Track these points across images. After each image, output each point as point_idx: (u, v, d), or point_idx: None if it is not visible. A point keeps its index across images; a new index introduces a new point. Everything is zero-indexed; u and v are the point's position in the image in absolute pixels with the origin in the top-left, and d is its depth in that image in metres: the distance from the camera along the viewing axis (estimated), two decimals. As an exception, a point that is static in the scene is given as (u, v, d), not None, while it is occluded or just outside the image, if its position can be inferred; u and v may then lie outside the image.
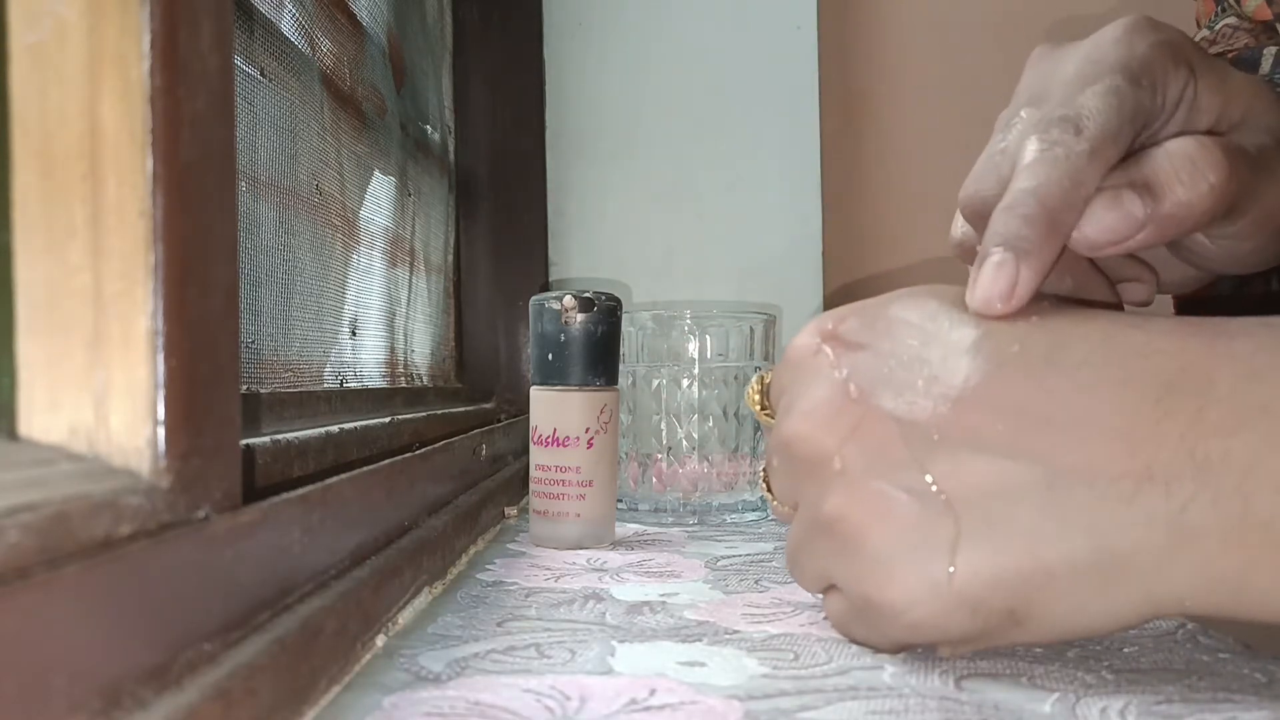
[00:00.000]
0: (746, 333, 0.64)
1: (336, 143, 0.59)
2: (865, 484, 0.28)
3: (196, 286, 0.23)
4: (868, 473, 0.28)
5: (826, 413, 0.29)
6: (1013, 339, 0.28)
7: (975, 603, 0.26)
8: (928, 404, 0.27)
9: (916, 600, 0.27)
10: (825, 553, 0.30)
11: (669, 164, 1.02)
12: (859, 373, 0.29)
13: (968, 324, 0.28)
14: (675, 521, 0.63)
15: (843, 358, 0.30)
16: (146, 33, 0.22)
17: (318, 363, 0.55)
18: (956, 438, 0.27)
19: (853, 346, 0.30)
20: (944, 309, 0.29)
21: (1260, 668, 0.31)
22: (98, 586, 0.19)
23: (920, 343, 0.29)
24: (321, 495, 0.31)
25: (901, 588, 0.27)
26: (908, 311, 0.30)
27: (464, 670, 0.30)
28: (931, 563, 0.27)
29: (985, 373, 0.27)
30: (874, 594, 0.28)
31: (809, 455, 0.30)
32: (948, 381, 0.27)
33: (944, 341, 0.28)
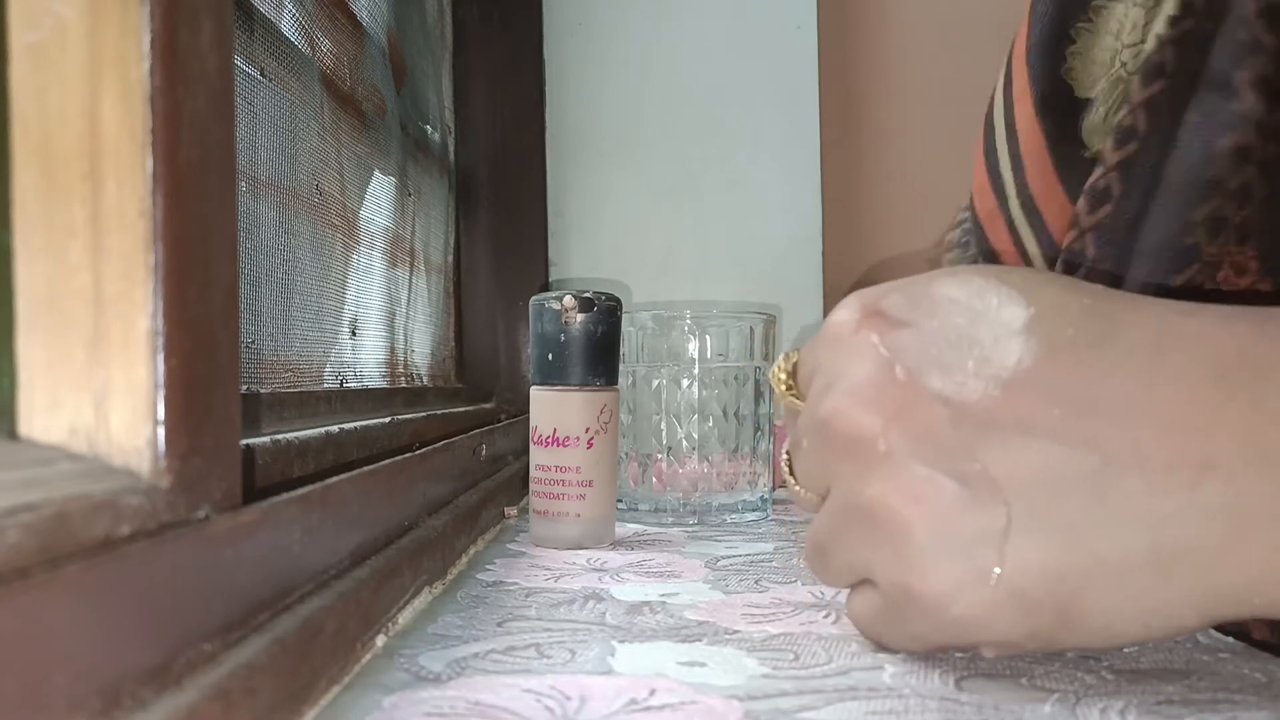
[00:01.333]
0: (746, 333, 0.64)
1: (336, 143, 0.59)
2: (910, 469, 0.27)
3: (196, 286, 0.23)
4: (913, 457, 0.27)
5: (871, 392, 0.28)
6: (1066, 322, 0.26)
7: (1023, 597, 0.25)
8: (978, 386, 0.26)
9: (962, 593, 0.26)
10: (860, 542, 0.28)
11: (669, 164, 1.02)
12: (905, 352, 0.28)
13: (1017, 303, 0.27)
14: (675, 521, 0.63)
15: (887, 336, 0.28)
16: (146, 33, 0.22)
17: (318, 363, 0.55)
18: (1008, 423, 0.26)
19: (897, 324, 0.28)
20: (991, 286, 0.27)
21: (1260, 668, 0.31)
22: (98, 586, 0.19)
23: (968, 321, 0.27)
24: (321, 495, 0.31)
25: (946, 579, 0.26)
26: (953, 289, 0.28)
27: (464, 670, 0.30)
28: (979, 554, 0.25)
29: (1038, 356, 0.26)
30: (915, 585, 0.26)
31: (850, 436, 0.28)
32: (999, 363, 0.26)
33: (993, 321, 0.27)
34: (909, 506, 0.26)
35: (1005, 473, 0.25)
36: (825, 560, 0.31)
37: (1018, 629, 0.26)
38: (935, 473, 0.26)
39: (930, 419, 0.27)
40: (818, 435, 0.30)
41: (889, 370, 0.28)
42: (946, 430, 0.26)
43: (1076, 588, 0.25)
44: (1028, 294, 0.27)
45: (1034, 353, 0.26)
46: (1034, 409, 0.25)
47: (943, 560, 0.26)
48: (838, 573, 0.30)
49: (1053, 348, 0.26)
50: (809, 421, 0.30)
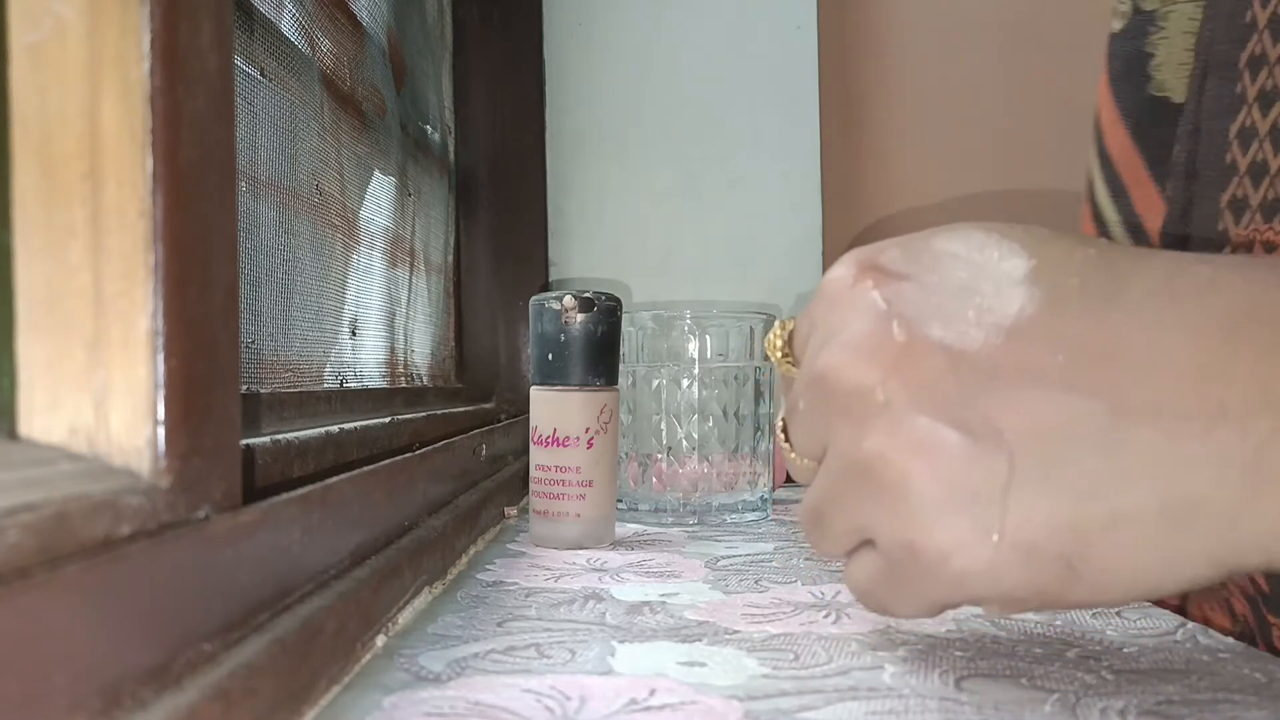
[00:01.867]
0: (746, 333, 0.64)
1: (336, 143, 0.59)
2: (911, 420, 0.25)
3: (196, 286, 0.23)
4: (913, 408, 0.25)
5: (869, 344, 0.27)
6: (1071, 272, 0.25)
7: (1029, 550, 0.24)
8: (979, 334, 0.25)
9: (964, 546, 0.25)
10: (859, 500, 0.27)
11: (669, 164, 1.02)
12: (904, 303, 0.27)
13: (1020, 255, 0.26)
14: (675, 521, 0.63)
15: (885, 288, 0.27)
16: (146, 33, 0.22)
17: (318, 363, 0.55)
18: (1011, 370, 0.25)
19: (896, 277, 0.27)
20: (992, 240, 0.27)
21: (1260, 668, 0.31)
22: (98, 586, 0.19)
23: (969, 274, 0.26)
24: (321, 495, 0.31)
25: (948, 532, 0.25)
26: (953, 244, 0.27)
27: (464, 670, 0.30)
28: (982, 505, 0.24)
29: (1042, 304, 0.25)
30: (916, 539, 0.25)
31: (848, 389, 0.27)
32: (1002, 312, 0.25)
33: (995, 273, 0.26)
34: (909, 458, 0.25)
35: (1009, 421, 0.24)
36: (822, 526, 0.29)
37: (1023, 584, 0.25)
38: (936, 423, 0.25)
39: (931, 369, 0.25)
40: (814, 392, 0.28)
41: (887, 322, 0.27)
42: (947, 379, 0.25)
43: (1085, 540, 0.24)
44: (1030, 247, 0.26)
45: (1037, 301, 0.25)
46: (1038, 356, 0.24)
47: (944, 513, 0.25)
48: (836, 538, 0.29)
49: (1057, 297, 0.25)
50: (805, 379, 0.29)
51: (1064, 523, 0.24)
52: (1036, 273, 0.25)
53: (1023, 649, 0.33)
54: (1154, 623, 0.36)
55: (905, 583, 0.27)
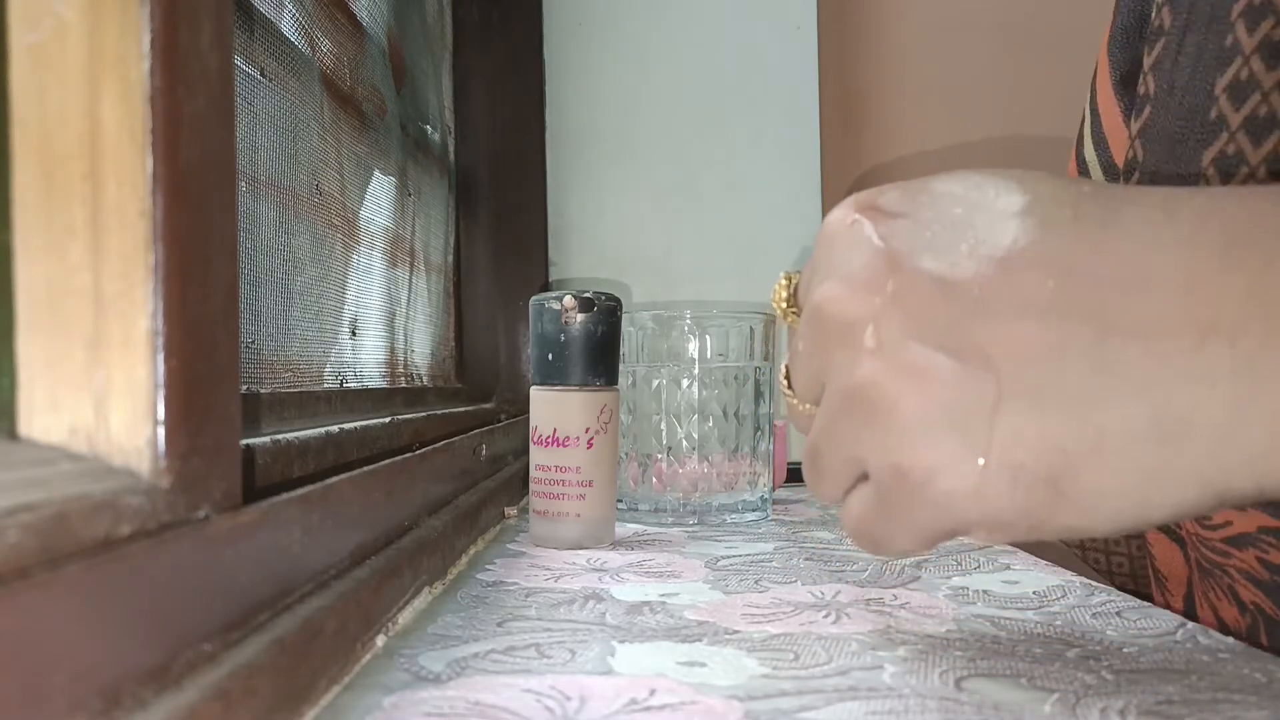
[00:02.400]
0: (746, 333, 0.64)
1: (336, 143, 0.59)
2: (902, 347, 0.26)
3: (196, 286, 0.23)
4: (905, 335, 0.26)
5: (864, 276, 0.27)
6: (1065, 204, 0.25)
7: (1016, 468, 0.24)
8: (972, 265, 0.25)
9: (950, 465, 0.25)
10: (853, 429, 0.27)
11: (669, 164, 1.02)
12: (899, 238, 0.27)
13: (1015, 192, 0.26)
14: (675, 521, 0.63)
15: (881, 225, 0.27)
16: (146, 33, 0.22)
17: (318, 363, 0.55)
18: (1002, 297, 0.25)
19: (892, 215, 0.28)
20: (989, 179, 0.27)
21: (1260, 668, 0.31)
22: (98, 586, 0.19)
23: (965, 211, 0.26)
24: (321, 495, 0.31)
25: (935, 452, 0.25)
26: (950, 184, 0.27)
27: (464, 670, 0.30)
28: (970, 427, 0.24)
29: (1034, 234, 0.25)
30: (904, 461, 0.25)
31: (843, 320, 0.27)
32: (994, 243, 0.25)
33: (990, 208, 0.26)
34: (898, 382, 0.26)
35: (999, 346, 0.24)
36: (820, 464, 0.29)
37: (1009, 504, 0.24)
38: (927, 349, 0.25)
39: (923, 297, 0.26)
40: (811, 328, 0.29)
41: (883, 255, 0.27)
42: (939, 307, 0.25)
43: (1072, 459, 0.24)
44: (1026, 185, 0.26)
45: (1029, 232, 0.25)
46: (1029, 282, 0.25)
47: (931, 434, 0.25)
48: (833, 475, 0.29)
49: (1050, 226, 0.25)
50: (804, 314, 0.30)
51: (1051, 442, 0.24)
52: (1030, 206, 0.26)
53: (1023, 649, 0.33)
54: (1154, 623, 0.36)
55: (895, 509, 0.27)
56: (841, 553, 0.51)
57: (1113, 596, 0.41)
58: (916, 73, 1.06)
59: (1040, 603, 0.40)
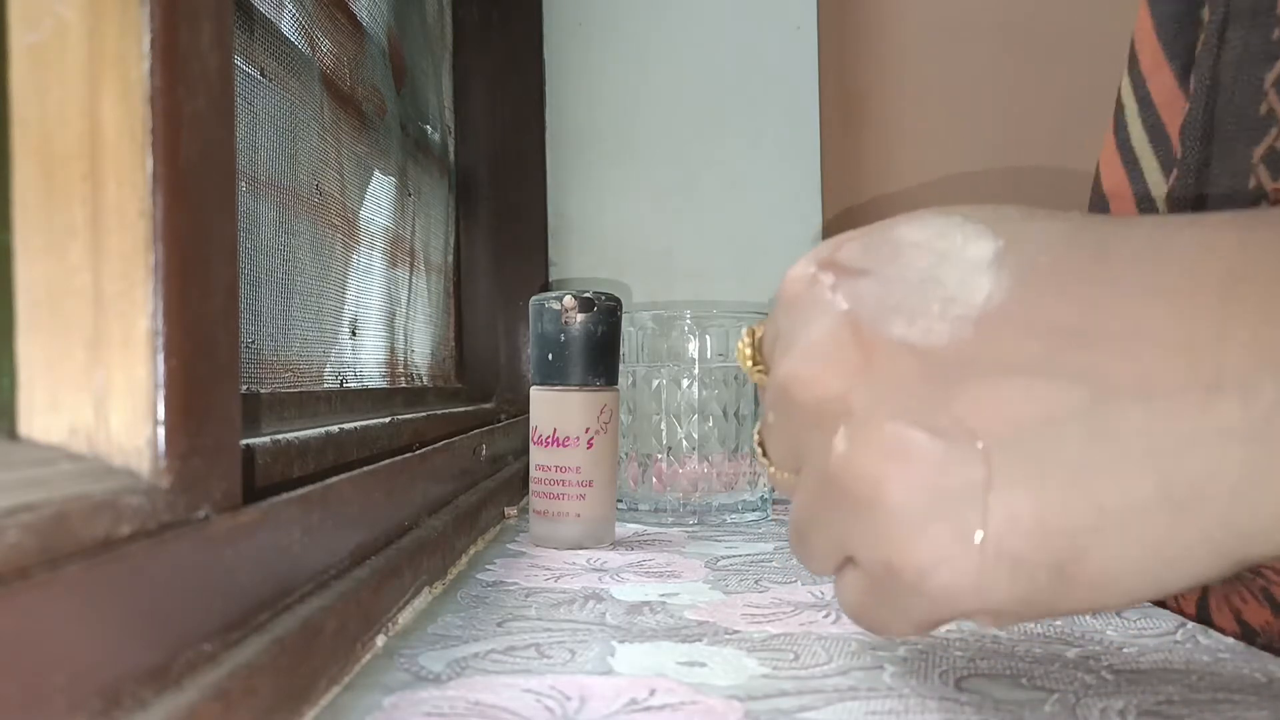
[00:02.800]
0: (746, 333, 0.64)
1: (336, 143, 0.59)
2: (878, 427, 0.24)
3: (196, 286, 0.23)
4: (880, 414, 0.24)
5: (829, 348, 0.25)
6: (1042, 249, 0.23)
7: (1016, 559, 0.22)
8: (945, 328, 0.23)
9: (945, 559, 0.23)
10: (835, 516, 0.25)
11: (669, 164, 1.02)
12: (863, 301, 0.25)
13: (985, 237, 0.24)
14: (675, 521, 0.63)
15: (842, 286, 0.25)
16: (146, 33, 0.22)
17: (318, 363, 0.55)
18: (982, 363, 0.23)
19: (854, 274, 0.26)
20: (955, 224, 0.25)
21: (1260, 668, 0.31)
22: (98, 586, 0.19)
23: (931, 263, 0.24)
24: (321, 495, 0.31)
25: (927, 545, 0.23)
26: (914, 232, 0.25)
27: (464, 670, 0.30)
28: (961, 513, 0.22)
29: (1010, 289, 0.23)
30: (895, 557, 0.23)
31: (811, 400, 0.25)
32: (967, 301, 0.23)
33: (959, 259, 0.24)
34: (879, 467, 0.23)
35: (983, 419, 0.22)
36: (806, 544, 0.27)
37: (1012, 595, 0.22)
38: (906, 427, 0.23)
39: (896, 370, 0.24)
40: (781, 403, 0.27)
41: (847, 324, 0.25)
42: (914, 381, 0.23)
43: (1075, 541, 0.22)
44: (997, 227, 0.24)
45: (1005, 286, 0.23)
46: (1010, 345, 0.22)
47: (920, 524, 0.23)
48: (821, 557, 0.27)
49: (1028, 278, 0.23)
50: (771, 390, 0.28)
51: (1051, 525, 0.22)
52: (1003, 254, 0.24)
53: (1023, 649, 0.33)
54: (1154, 623, 0.36)
55: (891, 602, 0.25)
56: (841, 553, 0.51)
57: (1113, 596, 0.41)
58: (916, 73, 1.06)
59: (1040, 603, 0.40)
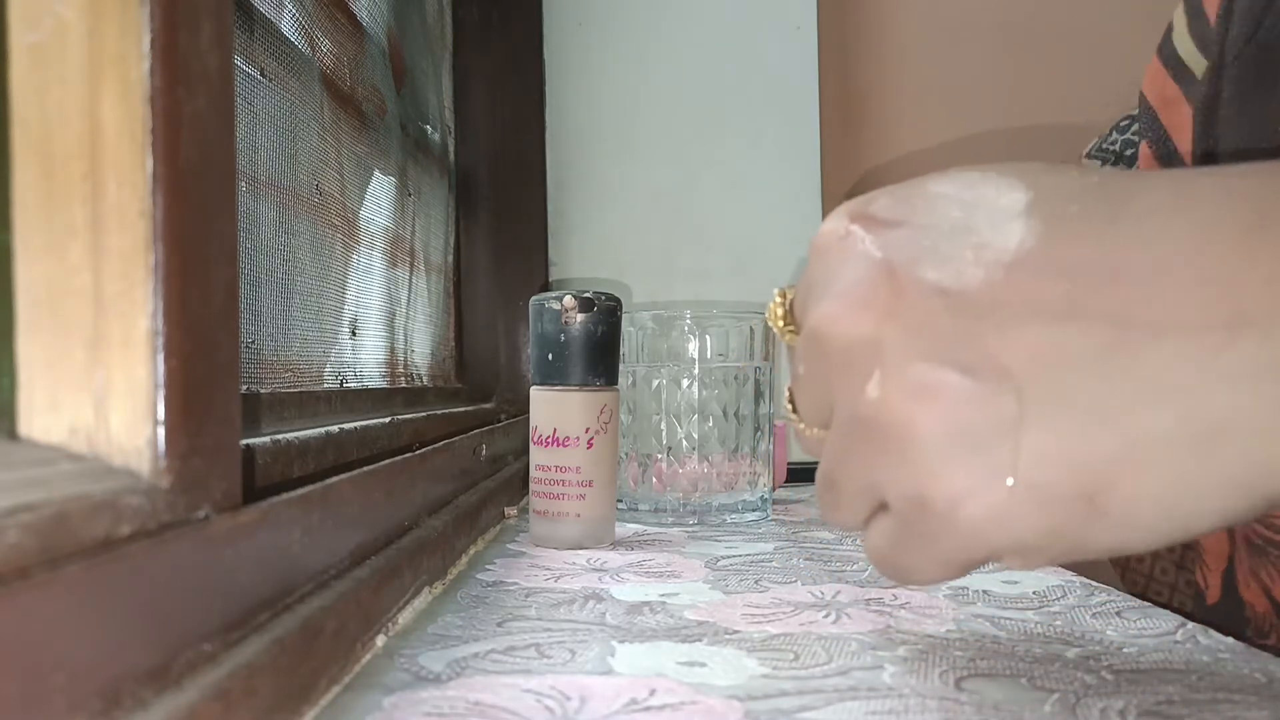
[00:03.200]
0: (746, 333, 0.64)
1: (336, 143, 0.59)
2: (910, 367, 0.24)
3: (196, 286, 0.23)
4: (911, 353, 0.24)
5: (862, 292, 0.25)
6: (1071, 199, 0.24)
7: (1044, 488, 0.22)
8: (978, 272, 0.24)
9: (976, 491, 0.23)
10: (866, 457, 0.26)
11: (669, 164, 1.02)
12: (896, 249, 0.25)
13: (1016, 188, 0.25)
14: (675, 521, 0.63)
15: (877, 236, 0.26)
16: (146, 33, 0.22)
17: (318, 363, 0.55)
18: (1012, 304, 0.23)
19: (887, 224, 0.26)
20: (986, 178, 0.25)
21: (1260, 668, 0.31)
22: (98, 586, 0.19)
23: (964, 213, 0.25)
24: (321, 495, 0.31)
25: (957, 478, 0.23)
26: (946, 185, 0.26)
27: (464, 670, 0.30)
28: (992, 448, 0.23)
29: (1041, 235, 0.24)
30: (926, 489, 0.24)
31: (844, 342, 0.25)
32: (999, 247, 0.24)
33: (991, 208, 0.25)
34: (910, 406, 0.24)
35: (1014, 357, 0.23)
36: (835, 493, 0.28)
37: (1039, 527, 0.23)
38: (937, 367, 0.24)
39: (928, 311, 0.24)
40: (812, 351, 0.27)
41: (880, 269, 0.25)
42: (946, 321, 0.24)
43: (1101, 474, 0.22)
44: (1026, 179, 0.25)
45: (1036, 232, 0.24)
46: (1040, 287, 0.23)
47: (952, 459, 0.23)
48: (850, 504, 0.27)
49: (1056, 225, 0.24)
50: (803, 338, 0.28)
51: (1078, 457, 0.22)
52: (1034, 204, 0.24)
53: (1023, 649, 0.33)
54: (1154, 623, 0.36)
55: (920, 541, 0.25)
56: (842, 553, 0.51)
57: (1113, 596, 0.41)
58: (916, 73, 1.06)
59: (1040, 603, 0.40)
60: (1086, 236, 0.23)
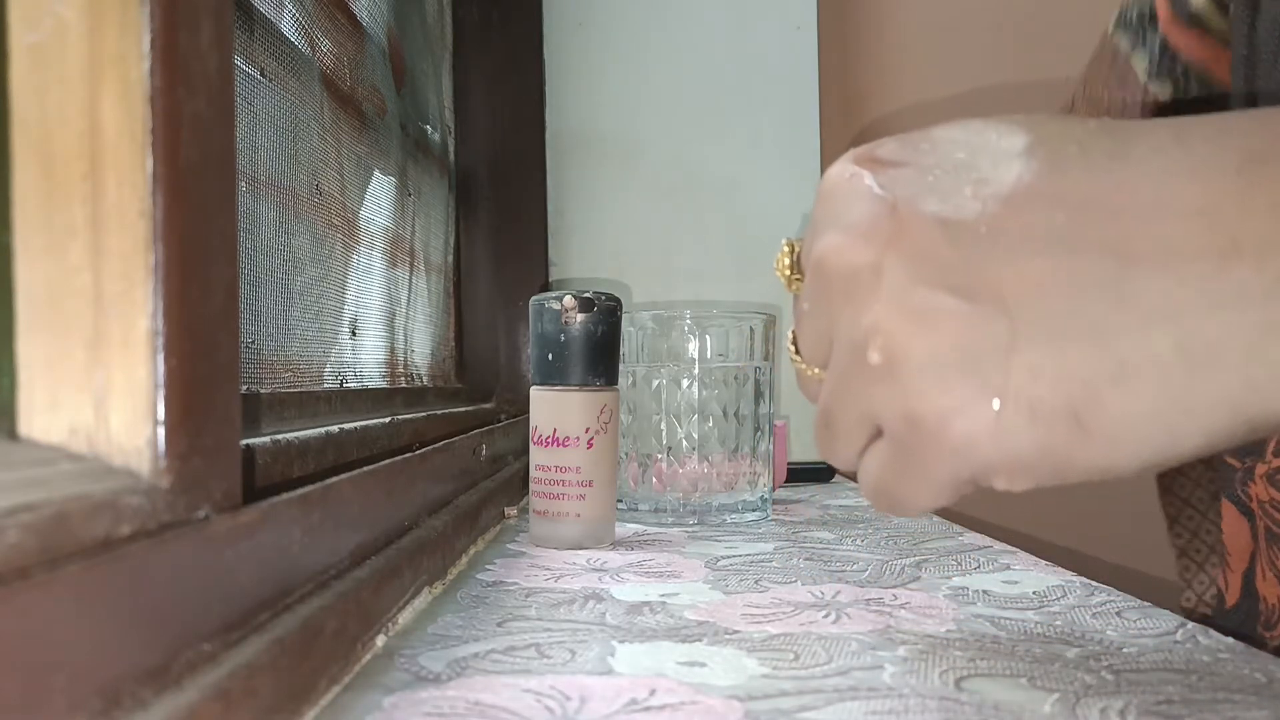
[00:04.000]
0: (746, 333, 0.64)
1: (336, 143, 0.59)
2: (908, 292, 0.25)
3: (196, 286, 0.23)
4: (910, 279, 0.25)
5: (865, 224, 0.26)
6: (1071, 140, 0.25)
7: (1034, 402, 0.23)
8: (976, 205, 0.24)
9: (966, 407, 0.24)
10: (864, 383, 0.26)
11: (669, 164, 1.02)
12: (900, 186, 0.26)
13: (1019, 133, 0.25)
14: (675, 521, 0.63)
15: (881, 175, 0.27)
16: (146, 33, 0.22)
17: (318, 363, 0.55)
18: (1010, 233, 0.24)
19: (891, 165, 0.27)
20: (990, 123, 0.26)
21: (1260, 668, 0.31)
22: (98, 586, 0.19)
23: (968, 154, 0.26)
24: (321, 495, 0.31)
25: (949, 395, 0.24)
26: (950, 130, 0.27)
27: (464, 670, 0.30)
28: (984, 367, 0.23)
29: (1040, 171, 0.24)
30: (918, 406, 0.24)
31: (845, 270, 0.26)
32: (999, 182, 0.24)
33: (993, 149, 0.25)
34: (906, 328, 0.25)
35: (1010, 284, 0.24)
36: (832, 426, 0.28)
37: (1030, 443, 0.23)
38: (935, 292, 0.24)
39: (928, 241, 0.25)
40: (814, 283, 0.28)
41: (883, 203, 0.26)
42: (945, 250, 0.24)
43: (1094, 389, 0.23)
44: (1029, 126, 0.26)
45: (1035, 169, 0.24)
46: (1038, 217, 0.24)
47: (944, 378, 0.24)
48: (847, 435, 0.28)
49: (1056, 162, 0.24)
50: (807, 274, 0.29)
51: (1071, 374, 0.23)
52: (1035, 145, 0.25)
53: (1023, 649, 0.33)
54: (1154, 623, 0.36)
55: (912, 461, 0.26)
56: (842, 553, 0.51)
57: (1113, 596, 0.41)
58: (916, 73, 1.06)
59: (1040, 603, 0.40)
60: (1085, 172, 0.24)
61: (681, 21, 1.02)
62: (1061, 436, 0.23)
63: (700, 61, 1.02)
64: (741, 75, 1.02)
